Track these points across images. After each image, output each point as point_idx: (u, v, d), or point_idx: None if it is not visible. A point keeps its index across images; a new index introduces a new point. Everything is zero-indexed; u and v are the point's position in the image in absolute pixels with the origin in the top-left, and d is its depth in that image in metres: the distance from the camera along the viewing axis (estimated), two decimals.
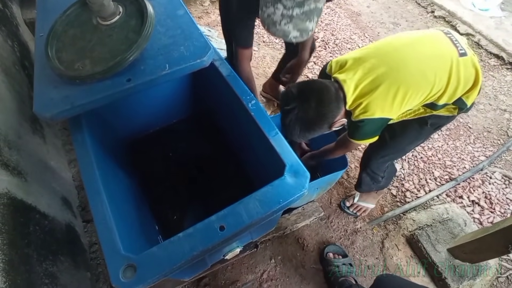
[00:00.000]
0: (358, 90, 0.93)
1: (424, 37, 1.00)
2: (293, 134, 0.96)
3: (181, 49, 0.84)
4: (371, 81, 0.92)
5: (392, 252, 1.32)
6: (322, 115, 0.92)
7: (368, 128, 0.96)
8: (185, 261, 0.67)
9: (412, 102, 0.95)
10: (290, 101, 0.92)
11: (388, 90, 0.90)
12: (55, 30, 0.84)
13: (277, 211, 0.76)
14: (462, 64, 0.94)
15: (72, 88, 0.77)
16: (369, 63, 0.94)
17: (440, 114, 1.05)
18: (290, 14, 0.90)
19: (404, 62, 0.93)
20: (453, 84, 0.94)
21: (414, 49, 0.96)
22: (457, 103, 1.01)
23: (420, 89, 0.93)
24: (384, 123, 0.97)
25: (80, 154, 0.79)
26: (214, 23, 2.34)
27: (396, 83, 0.91)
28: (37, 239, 0.83)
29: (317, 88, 0.92)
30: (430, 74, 0.92)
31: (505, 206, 1.49)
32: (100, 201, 0.72)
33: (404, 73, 0.92)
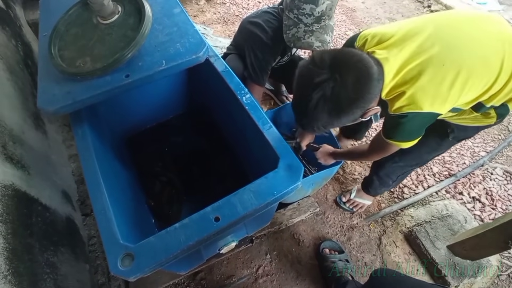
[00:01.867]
0: (401, 74, 0.76)
1: (484, 17, 0.83)
2: (317, 120, 0.75)
3: (177, 45, 0.89)
4: (421, 63, 0.75)
5: (389, 249, 1.36)
6: (362, 94, 0.72)
7: (412, 126, 0.80)
8: (181, 250, 0.72)
9: (471, 94, 0.78)
10: (320, 72, 0.70)
11: (445, 75, 0.74)
12: (58, 30, 0.90)
13: (272, 203, 0.80)
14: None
15: (74, 84, 0.83)
16: (420, 38, 0.77)
17: (470, 124, 0.93)
18: (311, 29, 1.18)
19: (467, 41, 0.76)
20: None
21: (477, 28, 0.79)
22: (500, 109, 0.86)
23: (483, 77, 0.76)
24: (431, 120, 0.80)
25: (81, 147, 0.84)
26: (210, 21, 2.41)
27: (455, 66, 0.74)
28: (39, 230, 0.88)
29: (357, 59, 0.71)
30: (496, 61, 0.76)
31: (507, 202, 1.52)
32: (99, 192, 0.78)
33: (465, 55, 0.75)
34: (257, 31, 1.31)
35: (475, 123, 0.94)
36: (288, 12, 1.21)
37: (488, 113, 0.89)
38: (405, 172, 1.23)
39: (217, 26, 2.38)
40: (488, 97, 0.81)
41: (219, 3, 2.59)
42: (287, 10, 1.21)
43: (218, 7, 2.56)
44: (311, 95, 0.72)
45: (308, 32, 1.19)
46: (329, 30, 1.23)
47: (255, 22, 1.33)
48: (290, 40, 1.24)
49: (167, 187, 1.25)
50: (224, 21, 2.43)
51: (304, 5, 1.14)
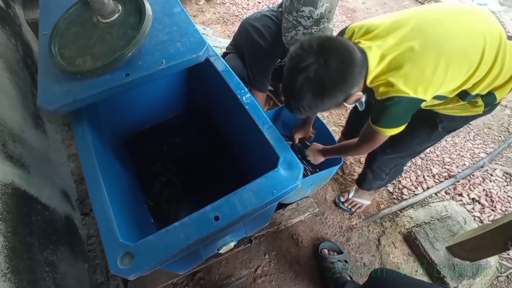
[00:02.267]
0: (385, 63, 0.82)
1: (469, 10, 0.88)
2: (302, 101, 0.81)
3: (177, 45, 0.90)
4: (404, 53, 0.80)
5: (388, 250, 1.36)
6: (344, 77, 0.77)
7: (397, 110, 0.83)
8: (180, 249, 0.73)
9: (453, 82, 0.83)
10: (307, 56, 0.77)
11: (426, 63, 0.79)
12: (58, 28, 0.91)
13: (271, 202, 0.81)
14: (509, 49, 0.83)
15: (74, 83, 0.84)
16: (402, 30, 0.83)
17: (458, 114, 0.97)
18: (309, 32, 1.20)
19: (446, 34, 0.82)
20: (496, 69, 0.84)
21: (458, 21, 0.84)
22: (487, 97, 0.90)
23: (463, 66, 0.82)
24: (416, 106, 0.84)
25: (80, 146, 0.85)
26: (209, 21, 2.42)
27: (435, 55, 0.79)
28: (38, 228, 0.89)
29: (341, 45, 0.78)
30: (475, 53, 0.82)
31: (506, 204, 1.53)
32: (99, 191, 0.79)
33: (445, 47, 0.80)
34: (256, 36, 1.33)
35: (463, 113, 0.97)
36: (287, 15, 1.22)
37: (475, 102, 0.92)
38: (397, 164, 1.24)
39: (216, 26, 2.39)
40: (471, 85, 0.86)
41: (218, 3, 2.60)
42: (286, 12, 1.22)
43: (218, 7, 2.57)
44: (297, 77, 0.79)
45: (307, 34, 1.21)
46: (328, 33, 1.24)
47: (255, 26, 1.34)
48: (289, 42, 1.26)
49: (166, 187, 1.25)
50: (224, 21, 2.45)
51: (303, 7, 1.16)
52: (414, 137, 1.08)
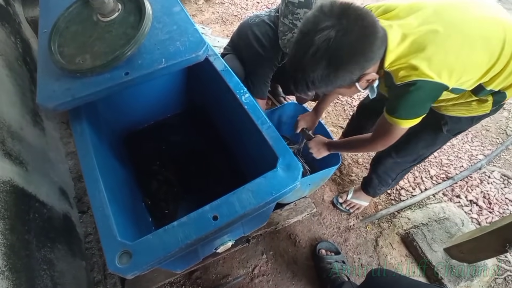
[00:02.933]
0: (406, 43, 0.76)
1: (484, 2, 0.84)
2: (313, 72, 0.73)
3: (177, 44, 0.91)
4: (427, 34, 0.75)
5: (386, 251, 1.37)
6: (363, 48, 0.71)
7: (418, 96, 0.77)
8: (179, 248, 0.73)
9: (474, 71, 0.79)
10: (326, 19, 0.70)
11: (450, 47, 0.74)
12: (58, 27, 0.91)
13: (270, 202, 0.81)
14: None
15: (73, 81, 0.84)
16: (424, 13, 0.79)
17: (464, 115, 0.94)
18: None
19: (467, 20, 0.78)
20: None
21: (477, 9, 0.81)
22: (497, 95, 0.87)
23: (484, 55, 0.78)
24: (437, 94, 0.79)
25: (79, 144, 0.85)
26: (208, 21, 2.43)
27: (460, 39, 0.75)
28: (36, 226, 0.89)
29: (365, 13, 0.72)
30: (496, 42, 0.78)
31: (504, 206, 1.54)
32: (98, 190, 0.79)
33: (469, 31, 0.77)
34: (256, 45, 1.35)
35: (470, 113, 0.94)
36: (283, 18, 1.24)
37: (485, 100, 0.89)
38: (404, 170, 1.22)
39: (215, 26, 2.39)
40: (489, 79, 0.83)
41: (217, 2, 2.61)
42: (282, 16, 1.24)
43: (217, 7, 2.57)
44: (313, 39, 0.70)
45: None
46: None
47: (255, 34, 1.36)
48: (285, 45, 1.28)
49: (164, 186, 1.26)
50: (223, 21, 2.45)
51: (298, 9, 1.18)
52: (419, 140, 1.06)
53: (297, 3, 1.17)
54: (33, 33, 1.56)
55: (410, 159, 1.16)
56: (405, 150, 1.11)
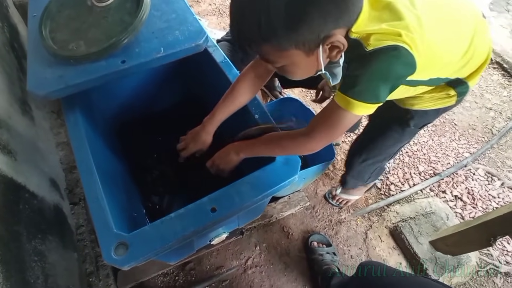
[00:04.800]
0: (382, 5, 0.62)
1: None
2: (272, 7, 0.54)
3: (176, 33, 0.87)
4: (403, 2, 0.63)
5: (375, 243, 1.39)
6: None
7: (394, 68, 0.60)
8: (176, 240, 0.71)
9: (454, 54, 0.73)
10: None
11: (429, 21, 0.65)
12: (49, 10, 0.86)
13: (268, 195, 0.81)
14: (483, 27, 0.77)
15: (66, 68, 0.80)
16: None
17: (430, 108, 0.88)
18: None
19: (446, 10, 0.73)
20: (470, 52, 0.75)
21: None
22: (459, 87, 0.81)
23: (459, 38, 0.73)
24: (406, 73, 0.63)
25: (73, 134, 0.82)
26: (204, 12, 2.37)
27: (439, 19, 0.69)
28: (26, 217, 0.85)
29: None
30: (468, 30, 0.75)
31: (487, 202, 1.58)
32: (92, 181, 0.76)
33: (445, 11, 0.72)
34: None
35: (435, 105, 0.87)
36: None
37: (448, 93, 0.83)
38: (376, 168, 1.20)
39: (212, 18, 2.34)
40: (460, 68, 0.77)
41: None
42: None
43: None
44: None
45: None
46: None
47: None
48: None
49: (159, 177, 1.23)
50: (220, 12, 2.40)
51: None
52: (386, 138, 1.01)
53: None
54: (21, 18, 1.48)
55: (381, 158, 1.12)
56: (374, 149, 1.07)
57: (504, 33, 2.43)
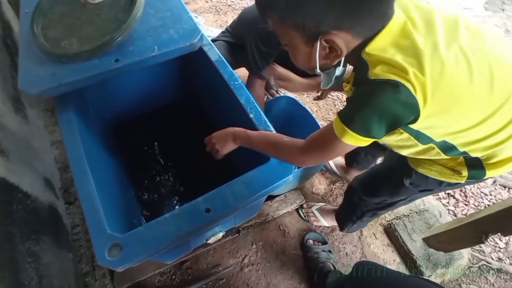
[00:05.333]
0: (404, 36, 0.56)
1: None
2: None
3: (171, 31, 0.85)
4: (431, 44, 0.56)
5: (370, 240, 1.39)
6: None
7: (391, 104, 0.55)
8: (171, 241, 0.70)
9: (482, 124, 0.61)
10: None
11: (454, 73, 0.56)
12: (41, 7, 0.83)
13: (263, 195, 0.79)
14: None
15: (59, 66, 0.78)
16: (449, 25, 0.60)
17: (431, 175, 0.78)
18: None
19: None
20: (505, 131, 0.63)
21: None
22: (474, 170, 0.69)
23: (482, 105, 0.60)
24: (406, 116, 0.57)
25: (66, 133, 0.79)
26: (201, 9, 2.34)
27: (481, 74, 0.58)
28: (20, 218, 0.83)
29: None
30: (502, 94, 0.60)
31: (479, 199, 1.59)
32: (86, 181, 0.74)
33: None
34: (262, 22, 1.28)
35: (439, 176, 0.77)
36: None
37: (458, 170, 0.72)
38: (368, 211, 1.09)
39: (208, 15, 2.31)
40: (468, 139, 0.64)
41: None
42: None
43: None
44: None
45: None
46: None
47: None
48: None
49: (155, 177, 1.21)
50: (216, 10, 2.36)
51: None
52: (384, 182, 0.94)
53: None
54: (15, 14, 1.44)
55: (374, 200, 1.03)
56: (371, 187, 1.01)
57: (498, 33, 2.43)
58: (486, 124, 0.61)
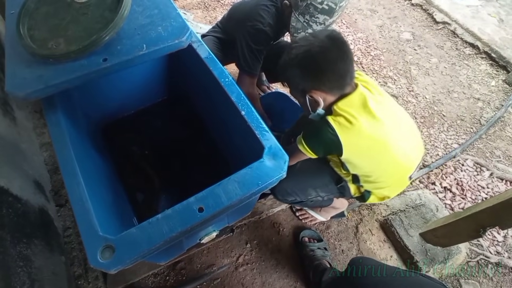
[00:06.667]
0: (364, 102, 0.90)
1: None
2: (289, 67, 0.93)
3: (159, 29, 0.86)
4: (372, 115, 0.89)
5: (366, 237, 1.41)
6: (328, 67, 0.88)
7: (325, 137, 0.90)
8: (163, 241, 0.71)
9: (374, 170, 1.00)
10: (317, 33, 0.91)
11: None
12: (27, 7, 0.84)
13: (256, 193, 0.81)
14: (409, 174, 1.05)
15: (46, 68, 0.78)
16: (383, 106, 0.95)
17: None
18: None
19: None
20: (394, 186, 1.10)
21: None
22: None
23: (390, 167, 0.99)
24: (333, 144, 0.90)
25: (54, 134, 0.80)
26: (190, 6, 2.34)
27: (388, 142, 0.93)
28: (10, 221, 0.84)
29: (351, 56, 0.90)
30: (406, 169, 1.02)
31: (476, 192, 1.61)
32: (76, 182, 0.75)
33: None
34: (253, 18, 1.28)
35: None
36: (298, 15, 1.19)
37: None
38: (295, 192, 1.15)
39: (197, 11, 2.31)
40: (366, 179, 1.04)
41: None
42: (297, 11, 1.19)
43: None
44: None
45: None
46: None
47: (251, 9, 1.30)
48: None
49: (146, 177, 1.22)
50: (205, 6, 2.37)
51: (319, 14, 1.15)
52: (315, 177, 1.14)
53: (320, 9, 1.14)
54: (1, 15, 1.44)
55: (298, 194, 1.16)
56: (295, 181, 1.12)
57: (492, 22, 2.45)
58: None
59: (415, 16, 2.60)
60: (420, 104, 1.98)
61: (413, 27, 2.50)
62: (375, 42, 2.35)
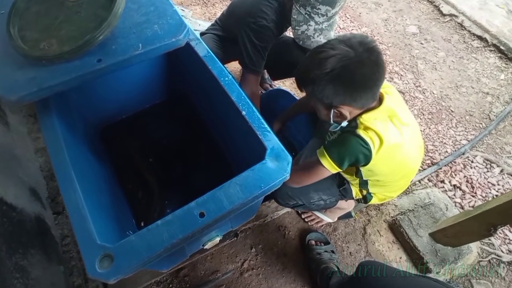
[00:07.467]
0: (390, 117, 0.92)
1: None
2: (320, 77, 0.85)
3: (155, 27, 0.84)
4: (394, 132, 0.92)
5: (374, 238, 1.39)
6: (361, 85, 0.85)
7: (355, 147, 0.90)
8: (164, 249, 0.69)
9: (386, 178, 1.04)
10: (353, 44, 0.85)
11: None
12: (17, 7, 0.82)
13: (259, 196, 0.79)
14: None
15: (39, 69, 0.77)
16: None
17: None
18: (320, 28, 1.21)
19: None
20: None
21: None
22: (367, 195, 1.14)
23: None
24: (361, 159, 0.92)
25: (49, 139, 0.79)
26: (188, 2, 2.32)
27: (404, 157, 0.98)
28: (5, 231, 0.83)
29: (383, 62, 0.89)
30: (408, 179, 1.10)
31: (486, 190, 1.59)
32: (72, 189, 0.73)
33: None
34: (256, 15, 1.26)
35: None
36: (299, 7, 1.17)
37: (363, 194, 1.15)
38: (297, 195, 1.15)
39: (196, 8, 2.29)
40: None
41: None
42: (297, 3, 1.17)
43: None
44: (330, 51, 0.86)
45: (317, 30, 1.21)
46: (335, 27, 1.26)
47: (253, 5, 1.28)
48: (299, 37, 1.24)
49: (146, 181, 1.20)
50: (204, 2, 2.35)
51: (320, 5, 1.14)
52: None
53: (321, 0, 1.13)
54: None
55: (301, 199, 1.15)
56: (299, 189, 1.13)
57: (500, 13, 2.42)
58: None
59: (421, 9, 2.57)
60: (427, 100, 1.95)
61: (419, 20, 2.47)
62: (380, 37, 2.33)
